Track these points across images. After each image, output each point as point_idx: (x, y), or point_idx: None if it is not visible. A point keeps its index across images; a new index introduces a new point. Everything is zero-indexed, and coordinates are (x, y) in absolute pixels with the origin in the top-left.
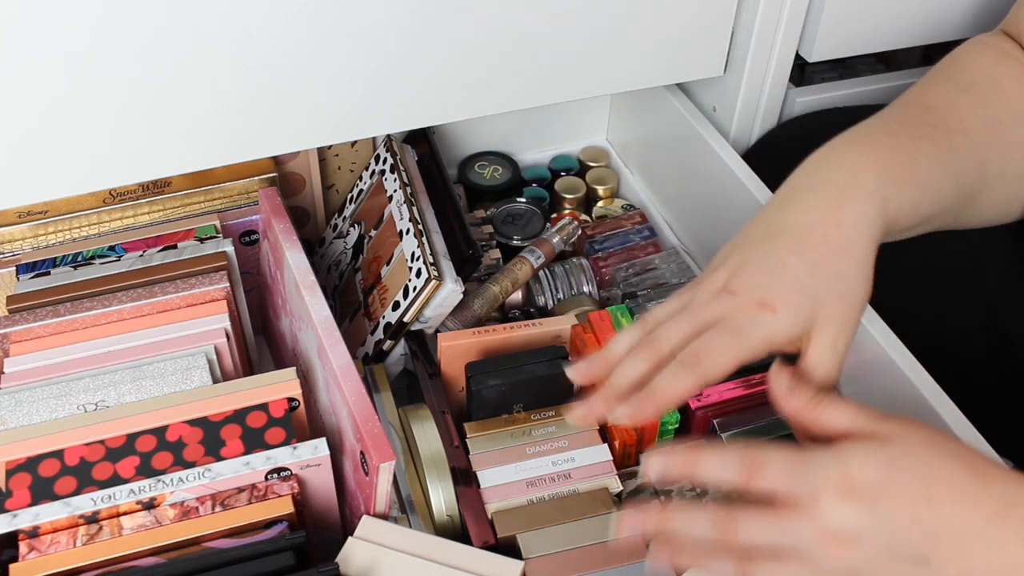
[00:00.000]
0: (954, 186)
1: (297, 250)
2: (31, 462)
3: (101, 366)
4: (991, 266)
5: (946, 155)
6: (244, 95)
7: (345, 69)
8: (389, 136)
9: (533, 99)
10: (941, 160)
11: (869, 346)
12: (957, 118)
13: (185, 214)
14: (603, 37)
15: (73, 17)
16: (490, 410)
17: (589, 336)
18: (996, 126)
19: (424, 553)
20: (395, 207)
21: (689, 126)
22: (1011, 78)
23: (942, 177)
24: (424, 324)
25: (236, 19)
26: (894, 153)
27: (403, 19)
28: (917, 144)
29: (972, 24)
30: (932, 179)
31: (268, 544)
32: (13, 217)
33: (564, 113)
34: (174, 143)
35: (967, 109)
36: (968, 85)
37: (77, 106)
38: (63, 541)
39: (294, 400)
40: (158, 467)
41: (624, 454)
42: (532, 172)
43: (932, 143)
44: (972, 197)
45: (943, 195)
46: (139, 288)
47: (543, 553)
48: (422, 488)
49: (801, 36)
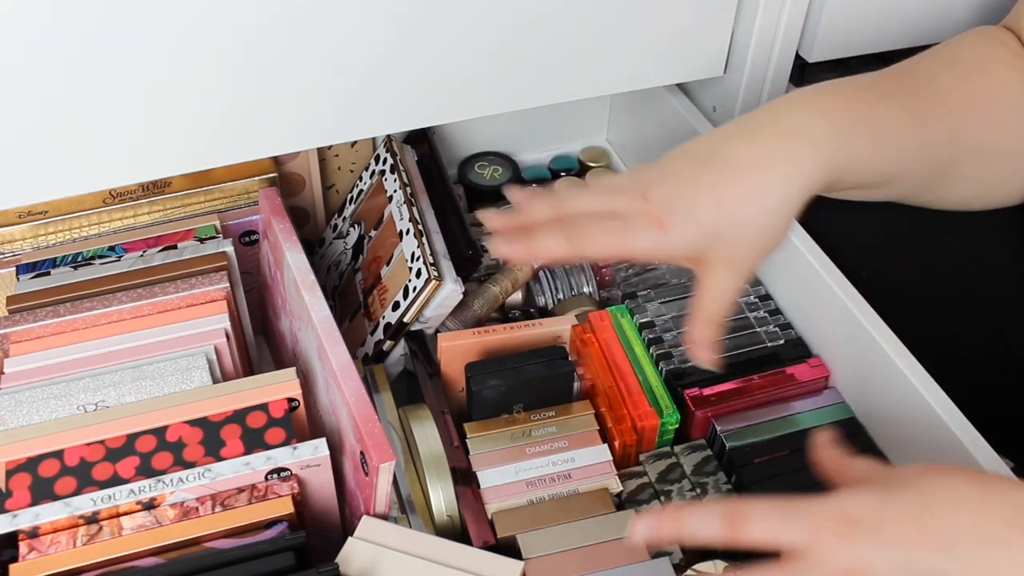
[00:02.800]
0: (919, 149)
1: (297, 250)
2: (31, 462)
3: (101, 366)
4: (993, 267)
5: (914, 117)
6: (244, 95)
7: (345, 69)
8: (389, 136)
9: (533, 99)
10: (907, 120)
11: (871, 347)
12: (934, 85)
13: (185, 214)
14: (603, 37)
15: (73, 17)
16: (490, 410)
17: (589, 336)
18: (975, 101)
19: (424, 553)
20: (395, 207)
21: (689, 126)
22: (999, 61)
23: (905, 136)
24: (424, 324)
25: (236, 19)
26: (856, 104)
27: (403, 19)
28: (884, 100)
29: (972, 24)
30: (893, 135)
31: (268, 544)
32: (13, 217)
33: (564, 113)
34: (174, 143)
35: (947, 80)
36: (953, 60)
37: (77, 106)
38: (63, 541)
39: (294, 400)
40: (158, 467)
41: (624, 454)
42: (532, 172)
43: (899, 102)
44: (943, 169)
45: (906, 156)
46: (139, 288)
47: (543, 553)
48: (422, 488)
49: (801, 36)
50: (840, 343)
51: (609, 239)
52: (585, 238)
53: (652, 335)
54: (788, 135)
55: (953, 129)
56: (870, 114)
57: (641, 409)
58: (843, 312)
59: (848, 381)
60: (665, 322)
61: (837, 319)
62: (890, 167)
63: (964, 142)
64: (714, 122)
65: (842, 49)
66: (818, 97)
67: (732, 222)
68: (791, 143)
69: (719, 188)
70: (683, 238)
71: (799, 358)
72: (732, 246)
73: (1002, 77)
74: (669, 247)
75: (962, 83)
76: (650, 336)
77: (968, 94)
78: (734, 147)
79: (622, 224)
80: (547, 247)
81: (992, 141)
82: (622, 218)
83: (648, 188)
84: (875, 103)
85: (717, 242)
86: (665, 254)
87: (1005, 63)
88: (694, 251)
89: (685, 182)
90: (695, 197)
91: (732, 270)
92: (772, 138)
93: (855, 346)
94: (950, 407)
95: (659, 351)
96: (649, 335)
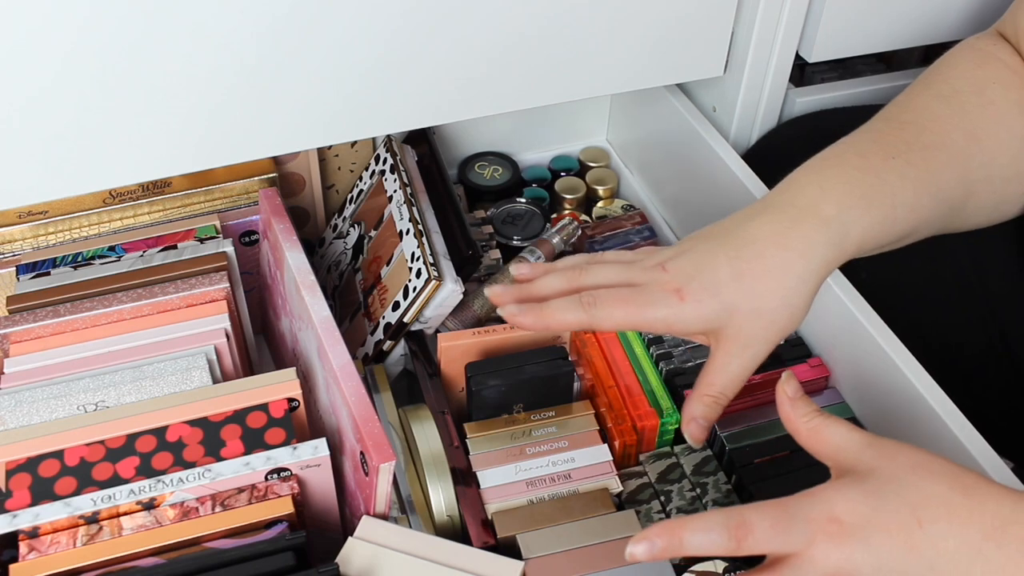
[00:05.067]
0: (932, 201)
1: (297, 250)
2: (31, 462)
3: (101, 366)
4: (994, 268)
5: (922, 172)
6: (244, 95)
7: (345, 69)
8: (389, 136)
9: (533, 99)
10: (916, 178)
11: (871, 347)
12: (935, 132)
13: (185, 214)
14: (603, 37)
15: (73, 17)
16: (490, 410)
17: (589, 336)
18: (976, 134)
19: (424, 553)
20: (395, 207)
21: (689, 126)
22: (995, 82)
23: (916, 195)
24: (424, 324)
25: (236, 18)
26: (864, 175)
27: (403, 19)
28: (889, 164)
29: (971, 24)
30: (905, 198)
31: (268, 544)
32: (13, 217)
33: (564, 113)
34: (174, 143)
35: (946, 120)
36: (949, 94)
37: (77, 106)
38: (63, 541)
39: (294, 400)
40: (158, 467)
41: (624, 454)
42: (532, 172)
43: (906, 159)
44: (956, 208)
45: (919, 212)
46: (139, 288)
47: (543, 553)
48: (422, 488)
49: (801, 36)
50: (840, 343)
51: (625, 308)
52: (599, 307)
53: (652, 335)
54: (802, 216)
55: (962, 170)
56: (880, 184)
57: (641, 409)
58: (843, 312)
59: (848, 381)
60: None
61: (837, 319)
62: (906, 226)
63: (973, 177)
64: (714, 122)
65: (842, 49)
66: (824, 173)
67: (750, 296)
68: (806, 224)
69: (738, 262)
70: (701, 309)
71: (799, 358)
72: (748, 321)
73: (1000, 103)
74: (685, 318)
75: (963, 119)
76: (650, 336)
77: (971, 130)
78: (752, 226)
79: (638, 293)
80: (561, 316)
81: (1001, 167)
82: (636, 289)
83: (666, 262)
84: (882, 170)
85: (734, 316)
86: (681, 326)
87: (1002, 84)
88: (710, 324)
89: (704, 256)
90: (714, 268)
91: (745, 348)
92: (787, 219)
93: (855, 346)
94: (950, 407)
95: (659, 351)
96: (649, 335)
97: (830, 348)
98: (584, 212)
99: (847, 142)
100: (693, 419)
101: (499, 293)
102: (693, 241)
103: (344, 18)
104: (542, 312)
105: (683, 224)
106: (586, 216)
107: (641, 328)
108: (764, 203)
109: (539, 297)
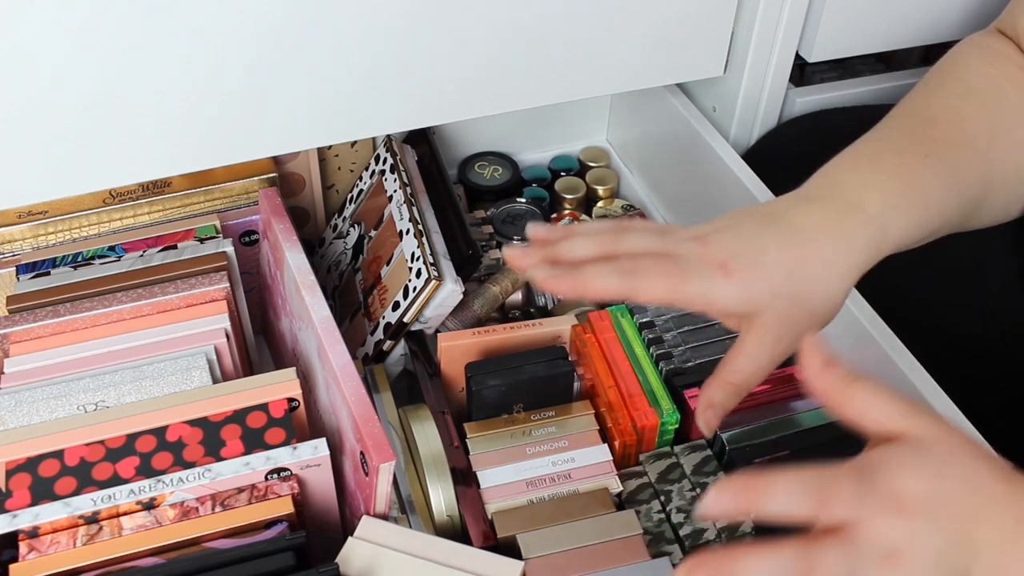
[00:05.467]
0: (959, 200)
1: (297, 250)
2: (31, 462)
3: (101, 366)
4: (992, 265)
5: (952, 172)
6: (244, 95)
7: (345, 69)
8: (389, 136)
9: (533, 99)
10: (947, 177)
11: (870, 347)
12: (963, 130)
13: (185, 214)
14: (603, 37)
15: (73, 17)
16: (490, 410)
17: (589, 336)
18: (996, 132)
19: (424, 553)
20: (395, 207)
21: (689, 126)
22: (1008, 80)
23: (946, 194)
24: (424, 324)
25: (236, 18)
26: (901, 172)
27: (403, 19)
28: (923, 163)
29: (971, 24)
30: (937, 197)
31: (268, 544)
32: (13, 217)
33: (564, 113)
34: (174, 143)
35: (970, 119)
36: (966, 92)
37: (77, 106)
38: (63, 541)
39: (294, 400)
40: (158, 467)
41: (624, 454)
42: (532, 172)
43: (938, 160)
44: (976, 208)
45: (945, 212)
46: (139, 288)
47: (543, 553)
48: (422, 488)
49: (801, 36)
50: (840, 343)
51: (667, 280)
52: (640, 277)
53: (652, 335)
54: (850, 210)
55: (984, 169)
56: (916, 182)
57: (641, 409)
58: (843, 312)
59: None
60: (665, 322)
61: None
62: (933, 227)
63: (991, 177)
64: (714, 122)
65: (842, 49)
66: (860, 166)
67: (796, 280)
68: (854, 216)
69: (785, 247)
70: (746, 289)
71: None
72: (788, 307)
73: (1015, 100)
74: (728, 295)
75: (984, 116)
76: (650, 336)
77: (992, 128)
78: (798, 214)
79: (679, 265)
80: (601, 283)
81: (1015, 167)
82: (676, 260)
83: (707, 235)
84: (917, 168)
85: (776, 301)
86: (721, 303)
87: (1015, 82)
88: (751, 306)
89: (748, 234)
90: (762, 248)
91: (778, 337)
92: (835, 211)
93: (855, 346)
94: (950, 407)
95: (659, 351)
96: (649, 335)
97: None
98: (584, 212)
99: (878, 138)
100: (711, 406)
101: (519, 255)
102: (732, 219)
103: (344, 18)
104: (578, 278)
105: (683, 224)
106: (586, 216)
107: (679, 303)
108: (804, 194)
109: (567, 261)
